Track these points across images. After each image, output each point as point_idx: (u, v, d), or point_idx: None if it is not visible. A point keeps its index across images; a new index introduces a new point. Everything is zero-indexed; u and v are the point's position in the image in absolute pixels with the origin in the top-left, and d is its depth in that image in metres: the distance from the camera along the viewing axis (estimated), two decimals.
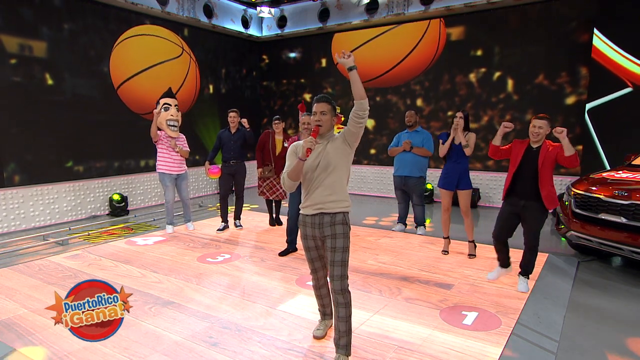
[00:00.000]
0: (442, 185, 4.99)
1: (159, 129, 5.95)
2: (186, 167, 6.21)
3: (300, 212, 2.90)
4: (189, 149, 6.19)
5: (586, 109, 6.83)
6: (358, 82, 2.62)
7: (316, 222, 2.80)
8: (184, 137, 6.21)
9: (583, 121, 7.05)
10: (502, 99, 7.99)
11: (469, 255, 5.01)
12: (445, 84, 8.52)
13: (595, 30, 6.65)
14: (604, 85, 6.59)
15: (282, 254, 5.13)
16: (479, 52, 8.11)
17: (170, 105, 6.00)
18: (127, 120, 7.93)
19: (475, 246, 5.04)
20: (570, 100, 7.41)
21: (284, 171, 2.83)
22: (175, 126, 6.01)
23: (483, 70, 8.10)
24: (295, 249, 5.22)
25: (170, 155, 6.00)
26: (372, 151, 9.51)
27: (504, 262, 4.18)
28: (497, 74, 7.98)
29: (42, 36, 6.70)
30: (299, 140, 4.96)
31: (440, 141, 5.01)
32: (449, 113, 8.39)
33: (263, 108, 11.07)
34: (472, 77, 8.23)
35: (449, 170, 4.91)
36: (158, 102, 6.03)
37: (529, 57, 7.66)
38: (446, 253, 5.11)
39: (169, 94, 6.14)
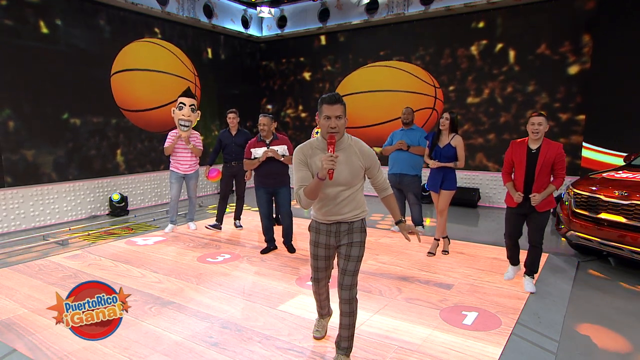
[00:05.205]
0: (429, 187, 5.06)
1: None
2: (197, 167, 6.28)
3: (313, 218, 2.75)
4: (202, 148, 6.26)
5: None
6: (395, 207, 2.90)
7: (332, 230, 2.67)
8: (198, 134, 6.27)
9: (585, 91, 7.03)
10: (505, 71, 7.87)
11: (428, 253, 5.06)
12: None
13: (584, 143, 6.82)
14: None
15: (264, 251, 5.23)
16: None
17: (185, 104, 6.04)
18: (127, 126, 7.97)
19: (437, 245, 5.10)
20: (573, 70, 7.28)
21: (297, 187, 2.57)
22: (187, 126, 6.06)
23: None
24: (276, 247, 5.31)
25: (178, 154, 6.09)
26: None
27: (515, 260, 4.30)
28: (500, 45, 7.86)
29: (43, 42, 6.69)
30: (258, 141, 4.98)
31: (428, 143, 5.04)
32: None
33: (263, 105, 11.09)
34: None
35: (433, 172, 4.97)
36: (176, 101, 6.13)
37: (531, 27, 7.52)
38: (446, 253, 5.11)
39: (186, 93, 6.20)
